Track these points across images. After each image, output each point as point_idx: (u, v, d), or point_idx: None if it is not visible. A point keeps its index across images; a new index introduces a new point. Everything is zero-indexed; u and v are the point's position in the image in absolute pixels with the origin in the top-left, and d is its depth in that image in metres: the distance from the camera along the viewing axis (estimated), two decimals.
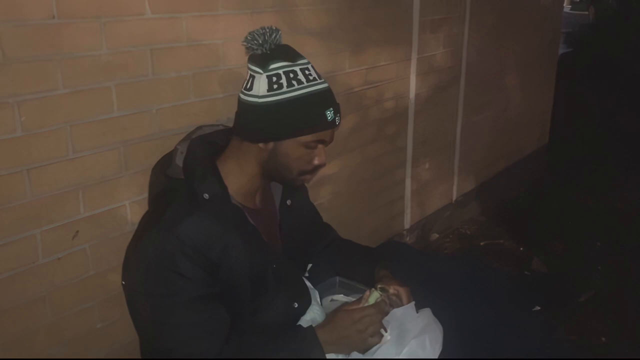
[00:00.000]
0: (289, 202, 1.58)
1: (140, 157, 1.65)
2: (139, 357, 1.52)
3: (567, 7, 11.74)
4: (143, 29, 1.61)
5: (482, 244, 3.47)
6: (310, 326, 1.39)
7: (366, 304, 1.42)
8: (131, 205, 1.67)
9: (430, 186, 3.27)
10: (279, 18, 2.02)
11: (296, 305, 1.49)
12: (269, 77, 1.34)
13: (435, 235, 3.42)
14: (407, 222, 3.12)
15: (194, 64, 1.76)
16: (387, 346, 1.42)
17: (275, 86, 1.34)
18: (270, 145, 1.38)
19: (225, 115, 1.81)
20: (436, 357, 1.42)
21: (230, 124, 1.55)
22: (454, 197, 3.56)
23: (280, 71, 1.35)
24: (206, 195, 1.35)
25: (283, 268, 1.47)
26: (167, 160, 1.47)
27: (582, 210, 3.81)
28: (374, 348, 1.42)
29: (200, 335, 1.29)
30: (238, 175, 1.42)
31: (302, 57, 1.40)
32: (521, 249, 3.37)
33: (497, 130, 3.92)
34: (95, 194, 1.59)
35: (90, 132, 1.55)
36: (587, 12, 11.07)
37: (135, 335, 1.49)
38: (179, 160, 1.42)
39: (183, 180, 1.39)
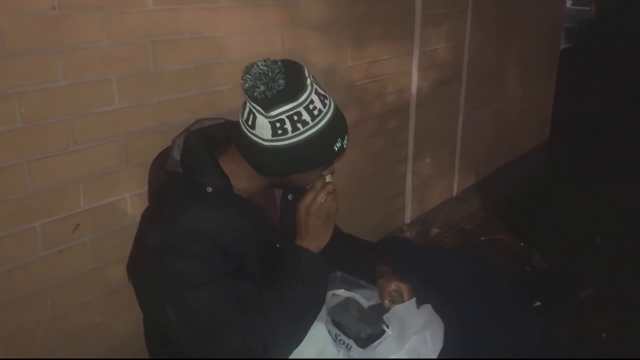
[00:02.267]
0: (290, 196, 1.57)
1: (141, 150, 1.64)
2: (139, 352, 1.52)
3: (568, 2, 11.70)
4: (145, 21, 1.60)
5: (482, 239, 3.46)
6: (295, 245, 1.42)
7: (311, 191, 1.45)
8: (132, 199, 1.67)
9: (431, 181, 3.26)
10: (281, 11, 2.01)
11: None
12: (272, 124, 1.30)
13: (435, 231, 3.41)
14: (408, 217, 3.11)
15: (195, 56, 1.75)
16: (388, 342, 1.42)
17: (279, 131, 1.30)
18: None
19: (227, 108, 1.80)
20: (437, 353, 1.42)
21: (231, 117, 1.53)
22: (455, 193, 3.55)
23: (284, 116, 1.29)
24: (209, 189, 1.34)
25: (285, 246, 1.48)
26: (165, 154, 1.46)
27: (582, 206, 3.81)
28: (375, 343, 1.42)
29: (233, 308, 1.28)
30: (241, 179, 1.41)
31: (304, 87, 1.31)
32: (521, 244, 3.37)
33: (498, 126, 3.91)
34: (95, 187, 1.58)
35: (91, 125, 1.54)
36: (588, 8, 11.04)
37: (135, 330, 1.49)
38: (177, 154, 1.40)
39: (181, 174, 1.38)
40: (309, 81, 1.33)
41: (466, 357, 1.49)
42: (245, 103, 1.35)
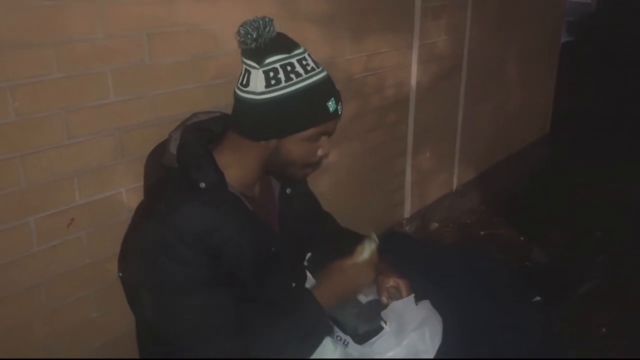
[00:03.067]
0: (288, 190, 1.56)
1: (137, 143, 1.63)
2: (135, 348, 1.51)
3: None
4: (140, 13, 1.58)
5: (482, 233, 3.45)
6: (309, 292, 1.40)
7: (360, 258, 1.45)
8: (127, 193, 1.65)
9: (430, 175, 3.25)
10: (279, 3, 1.99)
11: (294, 284, 1.49)
12: (266, 73, 1.31)
13: (435, 225, 3.40)
14: (407, 212, 3.10)
15: (192, 49, 1.73)
16: (386, 338, 1.41)
17: (273, 81, 1.31)
18: (272, 142, 1.36)
19: (224, 101, 1.78)
20: (435, 349, 1.42)
21: (228, 111, 1.52)
22: (455, 187, 3.54)
23: (277, 65, 1.31)
24: (203, 184, 1.32)
25: (282, 250, 1.46)
26: (161, 149, 1.44)
27: (582, 200, 3.79)
28: (373, 339, 1.41)
29: (211, 318, 1.27)
30: (237, 168, 1.39)
31: (297, 47, 1.37)
32: (521, 239, 3.35)
33: (499, 119, 3.90)
34: (91, 181, 1.57)
35: (86, 118, 1.52)
36: (589, 1, 11.02)
37: (132, 325, 1.48)
38: (173, 149, 1.39)
39: (177, 169, 1.36)
40: (302, 47, 1.38)
41: (465, 352, 1.48)
42: (242, 69, 1.36)
